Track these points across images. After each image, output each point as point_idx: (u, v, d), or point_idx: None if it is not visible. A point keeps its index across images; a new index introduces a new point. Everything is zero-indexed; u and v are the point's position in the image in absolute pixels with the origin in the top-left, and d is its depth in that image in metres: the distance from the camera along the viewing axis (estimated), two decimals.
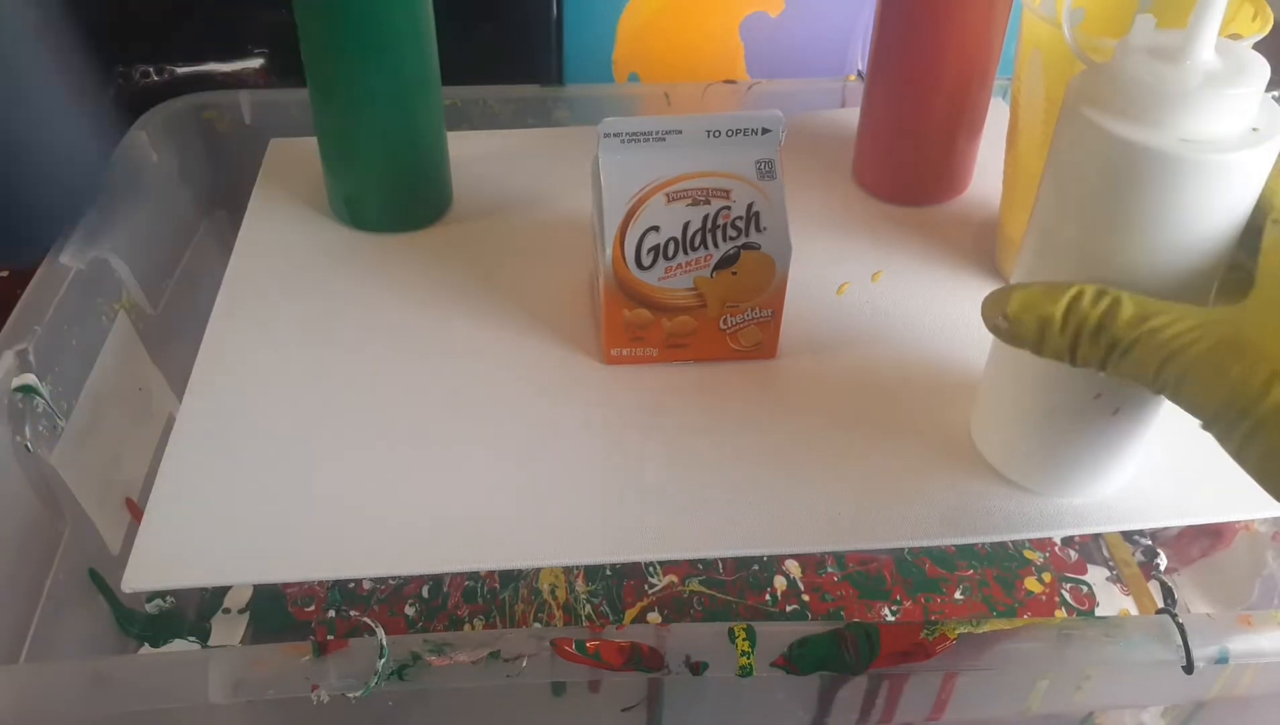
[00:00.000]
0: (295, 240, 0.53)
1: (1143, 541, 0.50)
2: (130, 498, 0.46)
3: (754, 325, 0.44)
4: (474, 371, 0.45)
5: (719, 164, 0.42)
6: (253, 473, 0.40)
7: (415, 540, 0.38)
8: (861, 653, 0.33)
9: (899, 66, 0.53)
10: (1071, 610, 0.47)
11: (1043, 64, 0.43)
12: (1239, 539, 0.47)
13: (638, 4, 0.64)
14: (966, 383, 0.44)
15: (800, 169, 0.58)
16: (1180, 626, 0.33)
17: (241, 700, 0.32)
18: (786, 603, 0.47)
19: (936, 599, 0.47)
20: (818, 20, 0.66)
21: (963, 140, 0.55)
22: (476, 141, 0.61)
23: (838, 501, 0.39)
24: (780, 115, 0.42)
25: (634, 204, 0.42)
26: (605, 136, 0.42)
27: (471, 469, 0.40)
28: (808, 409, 0.43)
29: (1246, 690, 0.36)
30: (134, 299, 0.50)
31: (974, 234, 0.54)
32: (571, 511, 0.39)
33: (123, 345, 0.48)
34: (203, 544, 0.37)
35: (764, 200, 0.42)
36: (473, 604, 0.46)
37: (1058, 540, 0.50)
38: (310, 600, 0.46)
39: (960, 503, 0.39)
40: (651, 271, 0.42)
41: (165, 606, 0.45)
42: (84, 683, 0.31)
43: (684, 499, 0.39)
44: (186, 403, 0.43)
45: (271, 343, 0.46)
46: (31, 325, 0.42)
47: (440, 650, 0.32)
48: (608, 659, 0.32)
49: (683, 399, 0.44)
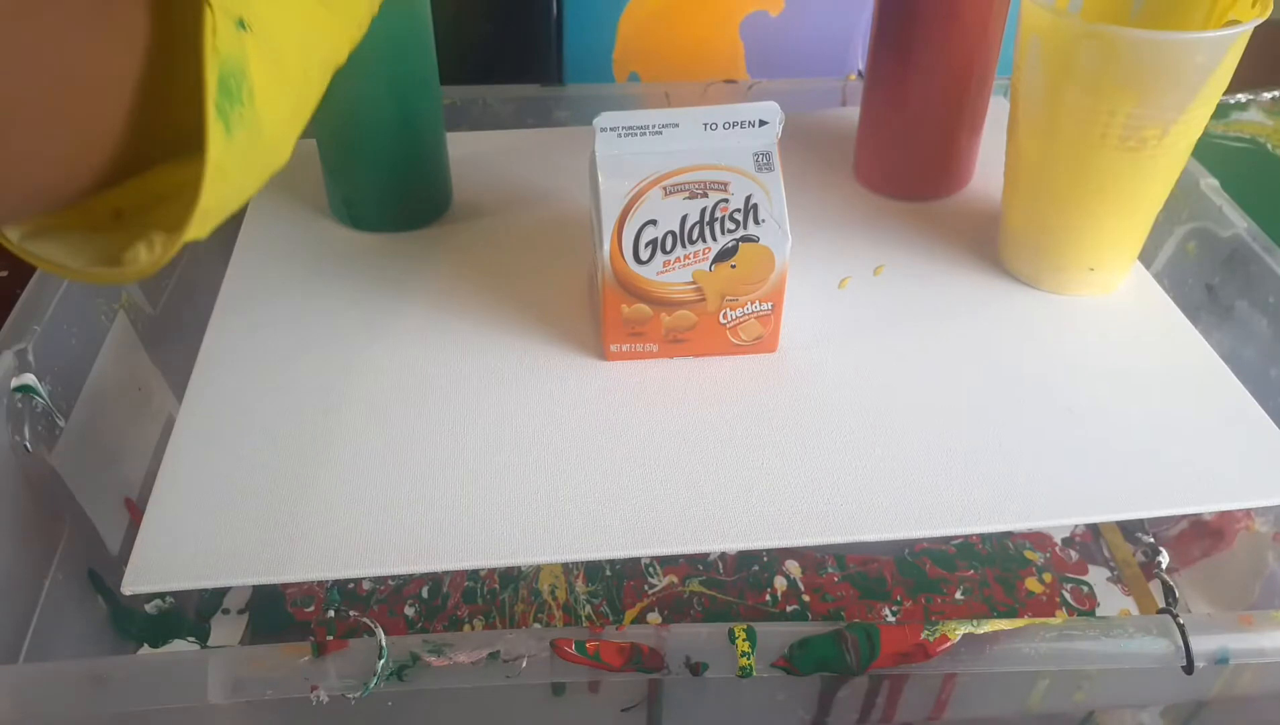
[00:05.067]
0: (295, 240, 0.53)
1: (1144, 540, 0.50)
2: (130, 498, 0.46)
3: (754, 319, 0.44)
4: (474, 370, 0.45)
5: (716, 157, 0.42)
6: (253, 473, 0.40)
7: (415, 539, 0.38)
8: (862, 653, 0.33)
9: (899, 66, 0.53)
10: (1072, 610, 0.47)
11: (1041, 52, 0.43)
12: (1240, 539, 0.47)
13: (638, 4, 0.64)
14: (969, 373, 0.44)
15: (801, 167, 0.58)
16: (1181, 626, 0.33)
17: (241, 700, 0.32)
18: (787, 603, 0.47)
19: (937, 599, 0.47)
20: (818, 20, 0.66)
21: (964, 137, 0.55)
22: (476, 141, 0.61)
23: (840, 495, 0.39)
24: (777, 107, 0.42)
25: (631, 198, 0.42)
26: (601, 130, 0.42)
27: (472, 468, 0.40)
28: (809, 403, 0.43)
29: (1246, 690, 0.36)
30: (133, 298, 0.50)
31: (976, 227, 0.54)
32: (572, 509, 0.39)
33: (122, 345, 0.48)
34: (202, 544, 0.37)
35: (762, 192, 0.42)
36: (472, 604, 0.46)
37: (1058, 540, 0.50)
38: (310, 600, 0.46)
39: (962, 495, 0.39)
40: (649, 266, 0.42)
41: (165, 607, 0.45)
42: (84, 683, 0.31)
43: (685, 494, 0.39)
44: (186, 403, 0.43)
45: (271, 342, 0.46)
46: (31, 325, 0.42)
47: (440, 651, 0.32)
48: (607, 659, 0.32)
49: (683, 394, 0.44)
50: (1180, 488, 0.40)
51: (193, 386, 0.44)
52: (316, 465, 0.40)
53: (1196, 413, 0.43)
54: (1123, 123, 0.42)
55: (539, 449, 0.41)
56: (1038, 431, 0.42)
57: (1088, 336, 0.47)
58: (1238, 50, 0.41)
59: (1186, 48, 0.40)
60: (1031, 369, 0.45)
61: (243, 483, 0.40)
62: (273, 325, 0.47)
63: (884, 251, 0.52)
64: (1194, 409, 0.43)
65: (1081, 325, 0.48)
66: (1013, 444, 0.41)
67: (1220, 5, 0.44)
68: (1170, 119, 0.42)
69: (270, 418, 0.43)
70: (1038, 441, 0.41)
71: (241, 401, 0.43)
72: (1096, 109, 0.42)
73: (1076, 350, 0.46)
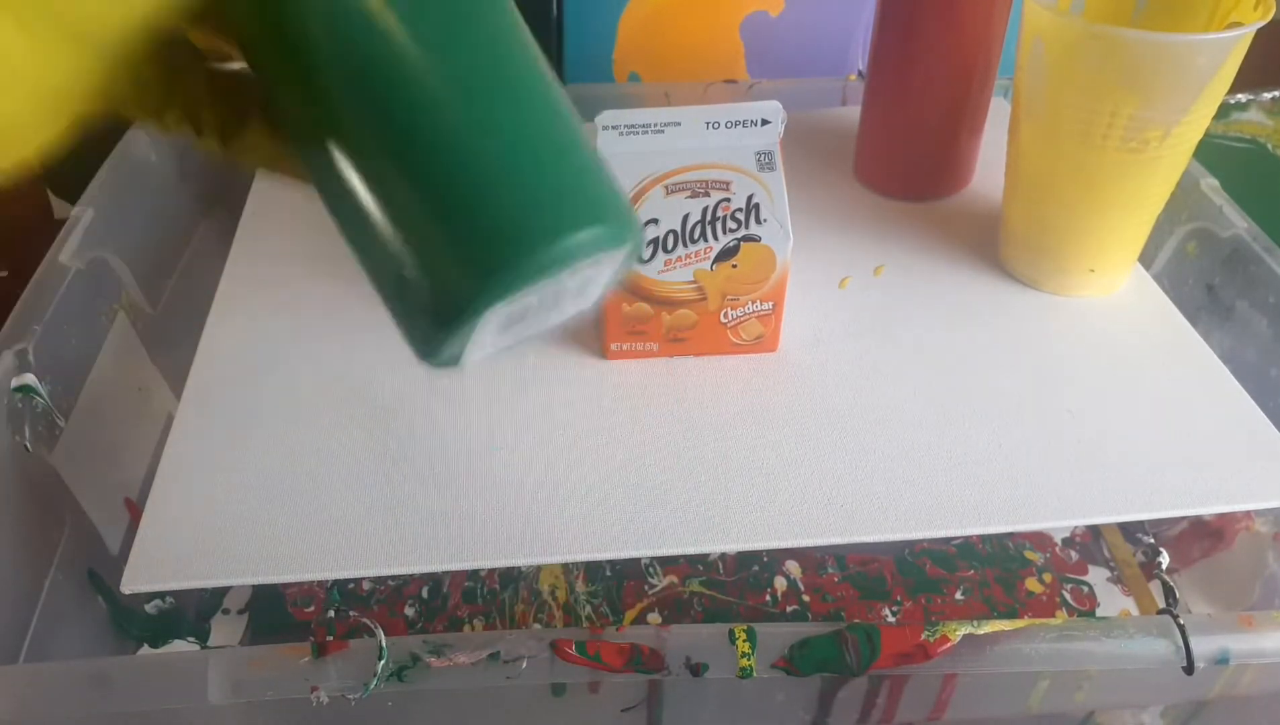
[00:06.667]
0: (293, 239, 0.53)
1: (1144, 540, 0.50)
2: (129, 498, 0.46)
3: (755, 318, 0.44)
4: (475, 369, 0.45)
5: (718, 156, 0.42)
6: (252, 472, 0.40)
7: (415, 539, 0.38)
8: (862, 654, 0.33)
9: (900, 65, 0.53)
10: (1072, 611, 0.47)
11: (1045, 53, 0.43)
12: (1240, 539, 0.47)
13: (638, 3, 0.64)
14: (969, 374, 0.44)
15: (801, 166, 0.58)
16: (1181, 627, 0.33)
17: (241, 701, 0.32)
18: (787, 603, 0.46)
19: (937, 600, 0.47)
20: (818, 20, 0.66)
21: (964, 137, 0.55)
22: None
23: (840, 496, 0.39)
24: (779, 106, 0.42)
25: (632, 196, 0.41)
26: (603, 129, 0.42)
27: (472, 467, 0.40)
28: (809, 403, 0.43)
29: (1247, 690, 0.36)
30: (133, 299, 0.50)
31: (976, 227, 0.54)
32: (572, 508, 0.39)
33: (122, 345, 0.48)
34: (202, 544, 0.37)
35: (764, 192, 0.42)
36: (472, 605, 0.46)
37: (1058, 540, 0.50)
38: (310, 601, 0.46)
39: (962, 495, 0.39)
40: (651, 265, 0.42)
41: (165, 607, 0.45)
42: (84, 683, 0.31)
43: (685, 494, 0.39)
44: (185, 402, 0.43)
45: (270, 342, 0.46)
46: (31, 325, 0.42)
47: (440, 651, 0.32)
48: (608, 660, 0.32)
49: (683, 394, 0.44)
50: (1180, 489, 0.40)
51: (191, 386, 0.44)
52: (316, 465, 0.40)
53: (1196, 414, 0.43)
54: (1124, 124, 0.42)
55: (539, 449, 0.41)
56: (1038, 432, 0.42)
57: (1088, 338, 0.47)
58: (1240, 52, 0.41)
59: (1188, 49, 0.40)
60: (1032, 370, 0.45)
61: (242, 482, 0.40)
62: (271, 325, 0.47)
63: (884, 251, 0.52)
64: (1194, 410, 0.43)
65: (1082, 326, 0.48)
66: (1013, 445, 0.41)
67: (1222, 7, 0.44)
68: (1172, 120, 0.42)
69: (269, 417, 0.43)
70: (1038, 442, 0.41)
71: (241, 401, 0.43)
72: (1098, 110, 0.42)
73: (1077, 351, 0.46)
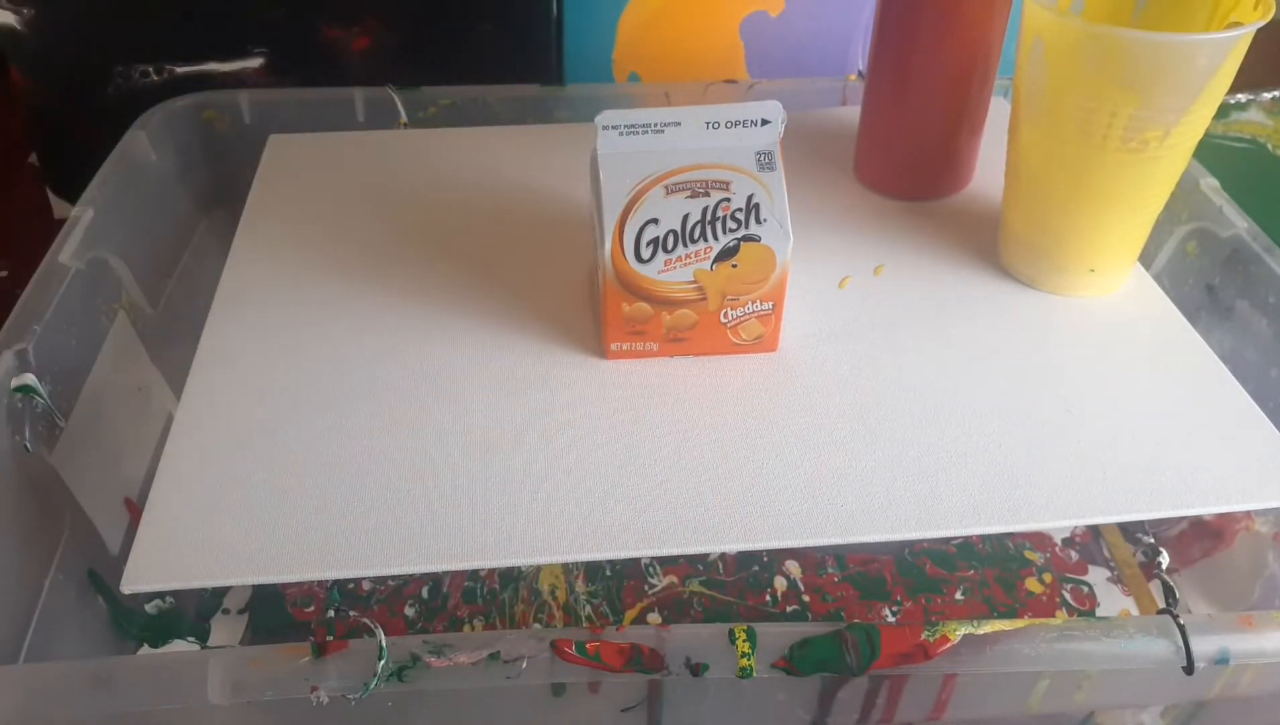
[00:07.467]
0: (293, 238, 0.53)
1: (1144, 540, 0.50)
2: (129, 498, 0.46)
3: (755, 318, 0.44)
4: (474, 369, 0.45)
5: (718, 155, 0.42)
6: (252, 473, 0.40)
7: (415, 539, 0.38)
8: (862, 654, 0.33)
9: (900, 66, 0.53)
10: (1072, 611, 0.47)
11: (1044, 53, 0.43)
12: (1240, 539, 0.47)
13: (638, 4, 0.64)
14: (969, 374, 0.44)
15: (801, 166, 0.58)
16: (1181, 627, 0.33)
17: (241, 701, 0.32)
18: (787, 603, 0.46)
19: (937, 600, 0.47)
20: (818, 20, 0.66)
21: (964, 137, 0.55)
22: (476, 140, 0.61)
23: (840, 495, 0.39)
24: (779, 106, 0.42)
25: (632, 196, 0.41)
26: (603, 129, 0.41)
27: (472, 468, 0.40)
28: (809, 403, 0.43)
29: (1246, 690, 0.36)
30: (133, 298, 0.50)
31: (976, 227, 0.54)
32: (572, 508, 0.39)
33: (122, 345, 0.48)
34: (202, 544, 0.37)
35: (764, 192, 0.42)
36: (472, 605, 0.46)
37: (1058, 540, 0.50)
38: (310, 600, 0.46)
39: (962, 495, 0.39)
40: (651, 264, 0.42)
41: (165, 607, 0.45)
42: (84, 683, 0.31)
43: (685, 494, 0.39)
44: (184, 402, 0.43)
45: (270, 341, 0.46)
46: (31, 325, 0.42)
47: (440, 651, 0.32)
48: (608, 660, 0.32)
49: (684, 393, 0.44)
50: (1179, 489, 0.40)
51: (191, 386, 0.44)
52: (316, 465, 0.40)
53: (1196, 414, 0.43)
54: (1124, 124, 0.42)
55: (539, 449, 0.41)
56: (1038, 432, 0.42)
57: (1088, 337, 0.47)
58: (1239, 52, 0.41)
59: (1188, 49, 0.40)
60: (1031, 370, 0.45)
61: (242, 482, 0.40)
62: (271, 324, 0.47)
63: (884, 251, 0.52)
64: (1194, 410, 0.43)
65: (1082, 326, 0.48)
66: (1013, 445, 0.41)
67: (1222, 7, 0.44)
68: (1172, 120, 0.42)
69: (269, 417, 0.43)
70: (1038, 442, 0.41)
71: (240, 401, 0.43)
72: (1098, 110, 0.42)
73: (1076, 351, 0.46)
